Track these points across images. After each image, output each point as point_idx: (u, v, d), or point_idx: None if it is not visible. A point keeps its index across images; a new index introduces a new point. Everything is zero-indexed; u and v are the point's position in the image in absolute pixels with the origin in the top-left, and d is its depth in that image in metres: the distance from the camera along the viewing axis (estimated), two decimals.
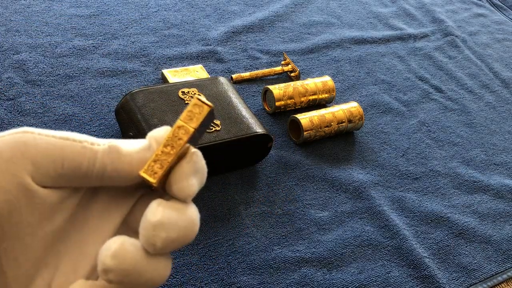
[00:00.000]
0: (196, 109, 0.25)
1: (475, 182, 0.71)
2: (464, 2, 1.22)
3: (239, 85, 0.79)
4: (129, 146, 0.25)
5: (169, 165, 0.25)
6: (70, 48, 0.78)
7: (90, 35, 0.82)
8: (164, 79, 0.75)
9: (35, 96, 0.68)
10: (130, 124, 0.60)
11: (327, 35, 0.96)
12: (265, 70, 0.81)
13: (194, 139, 0.25)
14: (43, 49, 0.77)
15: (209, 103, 0.25)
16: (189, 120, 0.25)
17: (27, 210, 0.23)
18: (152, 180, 0.24)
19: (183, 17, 0.92)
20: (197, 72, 0.77)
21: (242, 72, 0.81)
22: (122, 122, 0.62)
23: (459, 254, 0.60)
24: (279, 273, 0.54)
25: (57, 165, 0.23)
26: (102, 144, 0.24)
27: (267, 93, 0.75)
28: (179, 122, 0.25)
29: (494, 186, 0.71)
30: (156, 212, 0.23)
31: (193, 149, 0.26)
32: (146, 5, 0.93)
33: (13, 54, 0.75)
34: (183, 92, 0.63)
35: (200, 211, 0.29)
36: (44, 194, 0.23)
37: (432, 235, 0.62)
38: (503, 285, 0.59)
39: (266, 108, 0.75)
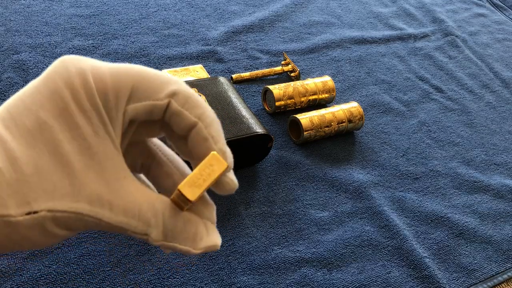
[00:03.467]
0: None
1: (475, 182, 0.71)
2: (465, 2, 1.22)
3: (239, 85, 0.78)
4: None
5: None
6: (70, 48, 0.78)
7: (90, 35, 0.82)
8: None
9: None
10: None
11: (327, 35, 0.96)
12: (265, 70, 0.81)
13: None
14: (43, 49, 0.77)
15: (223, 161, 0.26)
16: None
17: None
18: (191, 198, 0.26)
19: (183, 17, 0.92)
20: (197, 72, 0.77)
21: (242, 72, 0.81)
22: None
23: (459, 254, 0.60)
24: (279, 273, 0.53)
25: None
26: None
27: (267, 93, 0.74)
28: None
29: (495, 186, 0.71)
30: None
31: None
32: (146, 5, 0.93)
33: (13, 54, 0.75)
34: None
35: None
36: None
37: (432, 235, 0.62)
38: (503, 285, 0.59)
39: (266, 108, 0.75)
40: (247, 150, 0.62)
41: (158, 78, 0.26)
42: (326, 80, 0.77)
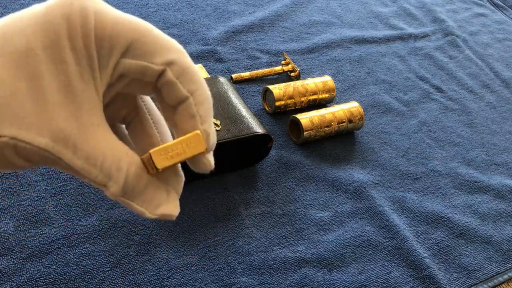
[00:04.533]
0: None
1: (475, 182, 0.71)
2: (465, 2, 1.22)
3: (239, 85, 0.78)
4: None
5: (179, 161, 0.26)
6: None
7: None
8: None
9: None
10: None
11: (328, 34, 0.96)
12: (265, 70, 0.81)
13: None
14: None
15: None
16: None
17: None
18: (158, 167, 0.25)
19: (182, 16, 0.92)
20: None
21: (242, 72, 0.81)
22: None
23: (459, 255, 0.60)
24: (279, 274, 0.53)
25: None
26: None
27: (267, 93, 0.74)
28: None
29: (495, 186, 0.71)
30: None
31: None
32: (146, 4, 0.92)
33: None
34: None
35: (200, 211, 0.29)
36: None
37: (433, 235, 0.62)
38: (503, 285, 0.58)
39: (266, 108, 0.75)
40: (247, 150, 0.62)
41: (160, 42, 0.25)
42: (326, 80, 0.77)
